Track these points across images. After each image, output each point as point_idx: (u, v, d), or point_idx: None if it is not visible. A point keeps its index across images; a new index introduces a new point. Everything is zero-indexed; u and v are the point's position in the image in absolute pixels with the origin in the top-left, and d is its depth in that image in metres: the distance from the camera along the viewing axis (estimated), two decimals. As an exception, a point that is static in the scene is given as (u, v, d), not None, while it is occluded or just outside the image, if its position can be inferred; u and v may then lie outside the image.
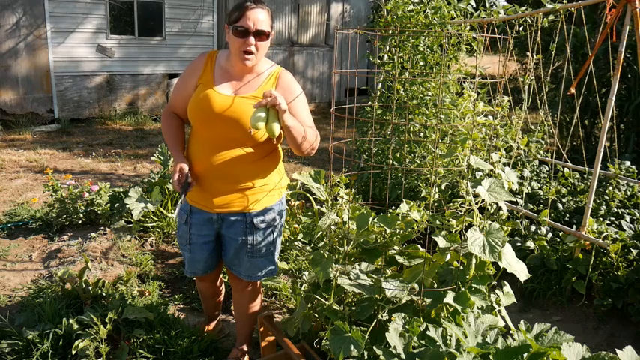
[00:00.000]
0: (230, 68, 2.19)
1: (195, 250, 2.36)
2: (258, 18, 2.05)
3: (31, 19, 8.10)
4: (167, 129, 2.31)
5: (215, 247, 2.38)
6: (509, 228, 2.35)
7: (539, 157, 4.15)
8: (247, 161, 2.17)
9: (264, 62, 2.23)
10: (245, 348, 2.62)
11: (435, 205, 2.34)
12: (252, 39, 2.05)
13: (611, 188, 3.91)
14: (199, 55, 2.27)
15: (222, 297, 2.85)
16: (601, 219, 3.60)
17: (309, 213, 3.41)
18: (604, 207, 3.81)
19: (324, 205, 2.78)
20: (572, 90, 3.66)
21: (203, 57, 2.24)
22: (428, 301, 2.05)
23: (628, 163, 4.08)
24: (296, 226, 3.68)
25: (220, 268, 2.60)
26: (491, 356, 1.62)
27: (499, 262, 2.00)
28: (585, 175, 4.28)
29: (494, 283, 2.20)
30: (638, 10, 2.92)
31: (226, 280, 3.00)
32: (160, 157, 4.39)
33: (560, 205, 3.91)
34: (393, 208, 2.27)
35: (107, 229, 3.96)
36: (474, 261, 2.07)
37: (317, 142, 2.22)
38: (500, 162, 2.22)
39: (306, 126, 2.17)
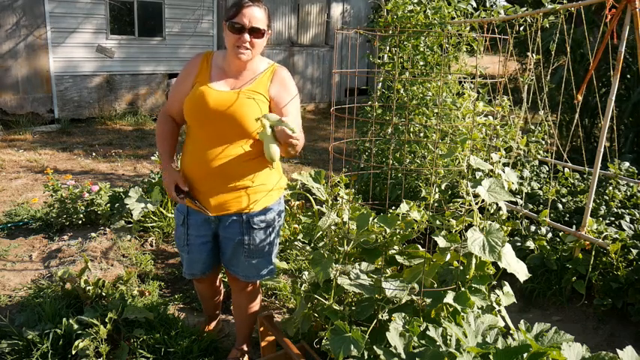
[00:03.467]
0: (226, 67, 2.19)
1: (193, 252, 2.36)
2: (254, 15, 2.07)
3: (31, 19, 8.10)
4: (161, 134, 2.33)
5: (213, 247, 2.38)
6: (509, 228, 2.35)
7: (539, 157, 4.15)
8: (244, 159, 2.16)
9: (261, 61, 2.24)
10: (245, 348, 2.62)
11: (435, 205, 2.34)
12: (247, 35, 2.07)
13: (611, 188, 3.91)
14: (195, 56, 2.27)
15: (221, 297, 2.85)
16: (601, 219, 3.60)
17: (309, 213, 3.41)
18: (604, 207, 3.81)
19: (324, 205, 2.78)
20: (580, 97, 3.66)
21: (199, 57, 2.25)
22: (428, 301, 2.05)
23: (627, 164, 4.08)
24: (296, 226, 3.68)
25: (219, 269, 2.60)
26: (491, 356, 1.62)
27: (499, 262, 2.00)
28: (585, 175, 4.28)
29: (494, 283, 2.20)
30: (638, 10, 2.92)
31: (226, 280, 3.00)
32: (160, 157, 4.39)
33: (560, 205, 3.91)
34: (393, 208, 2.27)
35: (107, 229, 3.96)
36: (474, 261, 2.07)
37: (301, 144, 2.25)
38: (500, 162, 2.22)
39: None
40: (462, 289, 2.03)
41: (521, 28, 3.77)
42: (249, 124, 2.12)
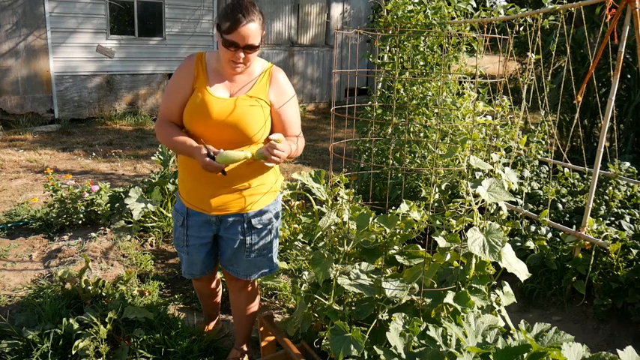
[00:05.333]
0: (221, 69, 2.17)
1: (192, 252, 2.36)
2: (249, 34, 2.00)
3: (30, 19, 8.10)
4: (168, 135, 2.16)
5: (212, 248, 2.38)
6: (509, 228, 2.35)
7: (539, 157, 4.15)
8: (245, 163, 2.16)
9: (256, 62, 2.22)
10: (245, 348, 2.62)
11: (435, 205, 2.34)
12: (241, 53, 2.04)
13: (611, 188, 3.91)
14: (187, 59, 2.21)
15: (220, 297, 2.86)
16: (601, 219, 3.60)
17: (309, 213, 3.41)
18: (604, 207, 3.80)
19: (324, 205, 2.78)
20: (580, 98, 3.65)
21: (192, 60, 2.19)
22: (428, 301, 2.05)
23: (628, 164, 4.08)
24: (296, 226, 3.68)
25: (217, 268, 2.60)
26: (491, 356, 1.62)
27: (499, 262, 2.00)
28: (585, 175, 4.28)
29: (494, 283, 2.20)
30: (638, 10, 2.92)
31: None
32: (160, 157, 4.39)
33: (560, 205, 3.91)
34: (393, 208, 2.27)
35: (107, 229, 3.96)
36: (473, 261, 2.07)
37: (302, 147, 2.28)
38: (500, 162, 2.22)
39: (292, 133, 2.22)
40: (462, 289, 2.03)
41: (521, 28, 3.77)
42: (251, 130, 2.12)
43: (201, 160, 2.04)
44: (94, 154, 6.97)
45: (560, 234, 3.52)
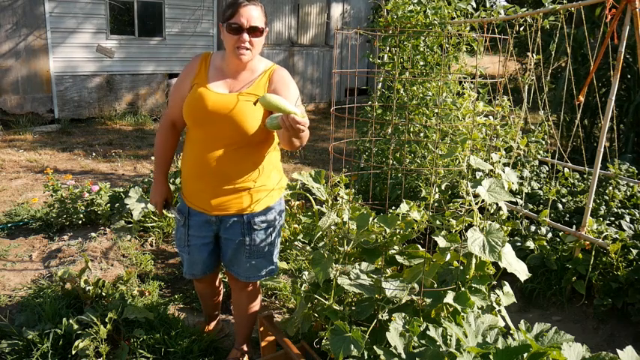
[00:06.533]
0: (225, 67, 2.18)
1: (193, 252, 2.36)
2: (252, 15, 2.05)
3: (30, 19, 8.11)
4: (160, 145, 2.39)
5: (214, 248, 2.38)
6: (509, 228, 2.35)
7: (539, 157, 4.15)
8: (244, 160, 2.16)
9: (260, 61, 2.22)
10: (245, 348, 2.62)
11: (435, 205, 2.34)
12: (246, 35, 2.05)
13: (611, 188, 3.91)
14: (194, 57, 2.27)
15: (221, 297, 2.85)
16: (601, 219, 3.60)
17: (309, 213, 3.41)
18: (604, 207, 3.81)
19: (324, 205, 2.78)
20: (581, 98, 3.65)
21: (197, 59, 2.24)
22: (428, 301, 2.05)
23: (627, 164, 4.08)
24: (296, 226, 3.68)
25: (219, 269, 2.60)
26: (491, 356, 1.62)
27: (499, 262, 2.00)
28: (585, 175, 4.28)
29: (494, 283, 2.20)
30: (638, 10, 2.92)
31: (226, 280, 3.00)
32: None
33: (560, 205, 3.91)
34: (393, 208, 2.27)
35: (107, 229, 3.96)
36: (474, 261, 2.07)
37: (306, 138, 2.19)
38: (500, 162, 2.22)
39: None
40: (462, 289, 2.03)
41: (522, 28, 3.77)
42: (249, 126, 2.10)
43: (153, 197, 2.43)
44: (94, 154, 6.97)
45: (560, 234, 3.52)
